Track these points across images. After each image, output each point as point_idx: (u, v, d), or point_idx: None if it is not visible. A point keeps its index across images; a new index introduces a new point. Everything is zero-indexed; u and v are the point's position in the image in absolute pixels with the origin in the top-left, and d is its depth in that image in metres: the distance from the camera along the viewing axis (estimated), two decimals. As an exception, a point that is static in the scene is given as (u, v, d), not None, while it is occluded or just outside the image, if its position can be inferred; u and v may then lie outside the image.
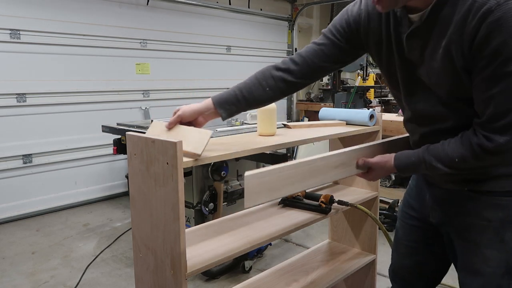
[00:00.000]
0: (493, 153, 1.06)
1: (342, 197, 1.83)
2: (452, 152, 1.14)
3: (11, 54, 3.81)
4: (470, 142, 1.10)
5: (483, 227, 1.20)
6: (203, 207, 2.82)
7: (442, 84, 1.13)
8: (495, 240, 1.19)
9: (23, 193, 4.00)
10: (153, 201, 1.25)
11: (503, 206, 1.17)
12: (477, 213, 1.21)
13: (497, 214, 1.18)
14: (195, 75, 5.35)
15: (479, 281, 1.24)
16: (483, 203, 1.20)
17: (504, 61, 0.97)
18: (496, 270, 1.20)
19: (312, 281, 1.81)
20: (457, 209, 1.27)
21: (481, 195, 1.20)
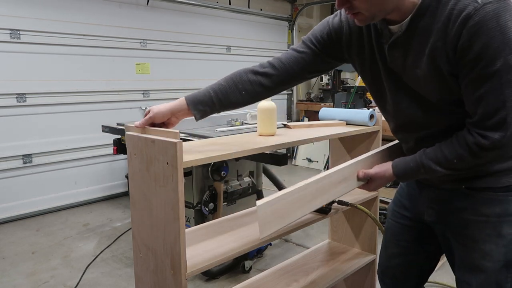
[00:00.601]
0: (489, 150, 1.09)
1: (342, 197, 1.83)
2: (450, 153, 1.16)
3: (11, 54, 3.81)
4: (466, 142, 1.12)
5: (481, 223, 1.23)
6: (203, 207, 2.82)
7: (429, 90, 1.16)
8: (493, 235, 1.21)
9: (23, 193, 4.00)
10: (153, 201, 1.25)
11: (500, 201, 1.20)
12: (475, 209, 1.24)
13: (494, 209, 1.20)
14: (195, 75, 5.35)
15: (478, 277, 1.26)
16: (480, 200, 1.23)
17: (487, 63, 1.01)
18: (495, 264, 1.22)
19: (312, 281, 1.81)
20: (454, 207, 1.29)
21: (477, 192, 1.23)
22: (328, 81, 6.60)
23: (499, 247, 1.21)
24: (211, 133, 2.82)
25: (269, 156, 2.23)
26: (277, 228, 1.18)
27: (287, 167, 5.49)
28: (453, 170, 1.19)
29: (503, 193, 1.20)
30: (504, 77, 1.01)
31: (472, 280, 1.28)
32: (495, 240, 1.22)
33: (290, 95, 6.96)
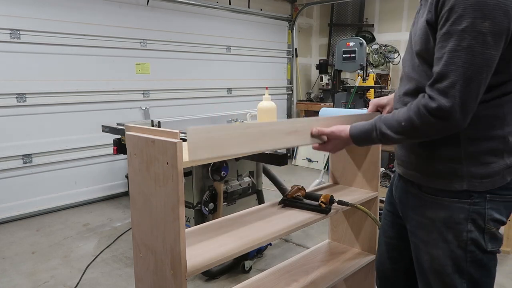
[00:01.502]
0: (435, 115, 1.06)
1: (342, 197, 1.83)
2: (401, 116, 1.14)
3: (11, 54, 3.81)
4: (417, 104, 1.10)
5: (428, 226, 1.23)
6: (203, 207, 2.82)
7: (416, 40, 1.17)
8: (439, 240, 1.21)
9: (23, 193, 4.00)
10: (153, 201, 1.25)
11: (445, 206, 1.18)
12: (422, 212, 1.24)
13: (439, 214, 1.20)
14: (195, 75, 5.35)
15: (429, 280, 1.26)
16: (427, 202, 1.23)
17: (455, 20, 1.01)
18: (445, 269, 1.21)
19: (312, 281, 1.81)
20: (410, 206, 1.31)
21: (425, 195, 1.23)
22: (328, 81, 6.60)
23: (446, 252, 1.20)
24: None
25: (269, 156, 2.23)
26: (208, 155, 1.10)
27: (287, 167, 5.50)
28: (403, 136, 1.15)
29: (449, 199, 1.17)
30: (466, 40, 1.00)
31: (425, 284, 1.29)
32: (442, 245, 1.20)
33: (290, 95, 6.96)
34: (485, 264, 1.21)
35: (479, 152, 1.14)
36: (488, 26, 0.98)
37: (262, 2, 6.20)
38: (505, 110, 1.12)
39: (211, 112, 4.03)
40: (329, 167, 2.21)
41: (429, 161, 1.20)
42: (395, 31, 6.30)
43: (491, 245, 1.19)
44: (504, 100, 1.12)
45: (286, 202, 1.80)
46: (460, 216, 1.16)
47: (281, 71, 6.78)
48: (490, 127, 1.13)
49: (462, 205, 1.16)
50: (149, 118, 4.60)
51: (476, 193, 1.15)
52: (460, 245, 1.18)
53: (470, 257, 1.18)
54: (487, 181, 1.14)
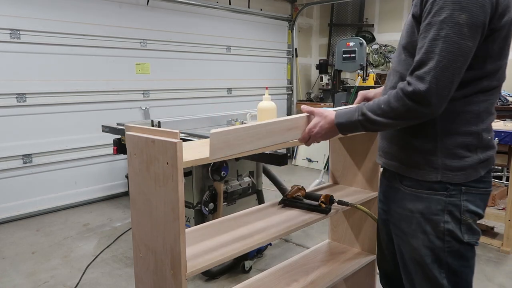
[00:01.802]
0: (411, 98, 1.11)
1: (342, 197, 1.83)
2: (381, 100, 1.20)
3: (11, 54, 3.81)
4: (396, 89, 1.16)
5: (408, 218, 1.29)
6: (203, 207, 2.82)
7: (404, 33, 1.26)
8: (418, 231, 1.27)
9: (23, 193, 4.00)
10: (153, 201, 1.25)
11: (423, 198, 1.25)
12: (403, 204, 1.30)
13: (417, 206, 1.26)
14: (195, 75, 5.35)
15: (410, 270, 1.32)
16: (406, 195, 1.29)
17: (435, 11, 1.08)
18: (425, 259, 1.26)
19: (312, 281, 1.81)
20: (392, 199, 1.37)
21: (406, 188, 1.29)
22: (328, 81, 6.60)
23: (425, 242, 1.26)
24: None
25: (269, 156, 2.23)
26: (225, 154, 1.20)
27: (287, 167, 5.50)
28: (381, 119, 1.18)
29: (427, 191, 1.24)
30: (444, 30, 1.06)
31: (407, 273, 1.34)
32: (421, 236, 1.26)
33: (290, 95, 6.96)
34: (462, 255, 1.25)
35: (454, 146, 1.20)
36: (465, 18, 1.05)
37: (262, 2, 6.20)
38: (481, 108, 1.19)
39: (211, 112, 4.02)
40: (329, 167, 2.21)
41: (408, 152, 1.27)
42: (395, 31, 6.30)
43: (467, 236, 1.23)
44: (481, 98, 1.18)
45: (286, 202, 1.80)
46: (437, 208, 1.22)
47: (281, 71, 6.78)
48: (466, 123, 1.19)
49: (439, 197, 1.22)
50: (149, 118, 4.60)
51: (452, 186, 1.21)
52: (438, 236, 1.23)
53: (447, 247, 1.24)
54: (460, 173, 1.20)
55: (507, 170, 4.05)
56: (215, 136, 1.15)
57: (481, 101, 1.18)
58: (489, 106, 1.21)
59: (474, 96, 1.18)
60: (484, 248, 3.20)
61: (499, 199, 3.34)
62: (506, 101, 4.67)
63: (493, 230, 3.44)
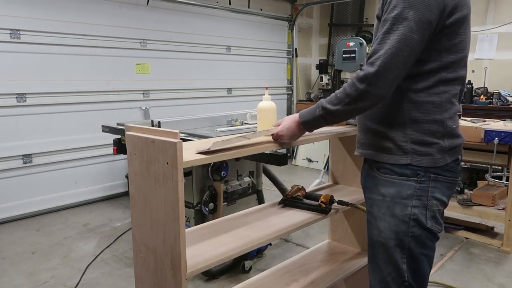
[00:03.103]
0: (361, 81, 1.24)
1: (342, 197, 1.83)
2: (338, 91, 1.33)
3: (11, 54, 3.81)
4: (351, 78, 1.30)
5: (379, 201, 1.39)
6: (203, 207, 2.82)
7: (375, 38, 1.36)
8: (387, 214, 1.36)
9: (23, 193, 4.00)
10: (153, 201, 1.25)
11: (395, 184, 1.35)
12: (376, 189, 1.40)
13: (389, 190, 1.36)
14: (195, 75, 5.35)
15: (377, 253, 1.40)
16: (381, 181, 1.38)
17: (389, 9, 1.25)
18: (388, 242, 1.36)
19: (312, 281, 1.81)
20: (368, 188, 1.46)
21: (380, 174, 1.38)
22: (328, 81, 6.60)
23: (391, 226, 1.35)
24: (211, 133, 2.82)
25: (269, 156, 2.23)
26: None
27: (287, 167, 5.49)
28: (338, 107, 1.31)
29: (399, 176, 1.34)
30: (395, 25, 1.22)
31: (373, 256, 1.43)
32: (388, 219, 1.36)
33: (290, 95, 6.96)
34: (423, 242, 1.35)
35: (421, 133, 1.31)
36: (412, 15, 1.20)
37: (262, 2, 6.20)
38: (442, 99, 1.31)
39: (211, 112, 4.02)
40: (329, 167, 2.21)
41: (381, 140, 1.38)
42: (395, 31, 6.29)
43: (431, 223, 1.34)
44: (441, 89, 1.31)
45: (286, 202, 1.80)
46: (407, 192, 1.33)
47: (281, 71, 6.78)
48: (430, 112, 1.31)
49: (410, 183, 1.32)
50: (149, 118, 4.60)
51: (421, 171, 1.31)
52: (404, 220, 1.33)
53: (411, 232, 1.33)
54: (428, 158, 1.31)
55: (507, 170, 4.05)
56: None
57: (442, 92, 1.31)
58: (450, 97, 1.33)
59: (436, 88, 1.30)
60: (484, 248, 3.20)
61: (499, 199, 3.34)
62: (506, 101, 4.67)
63: (493, 230, 3.44)
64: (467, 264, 2.93)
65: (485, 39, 5.30)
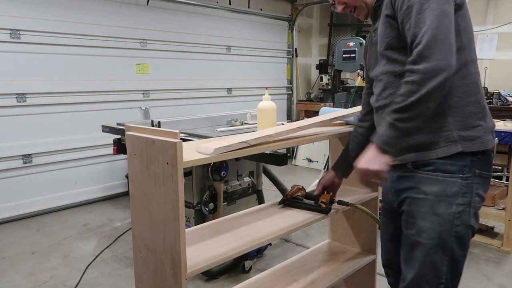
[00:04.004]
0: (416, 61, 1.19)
1: (342, 197, 1.83)
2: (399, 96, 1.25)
3: (11, 54, 3.81)
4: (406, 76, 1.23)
5: (420, 200, 1.33)
6: (203, 207, 2.82)
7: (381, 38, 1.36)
8: (429, 213, 1.31)
9: (23, 193, 4.00)
10: (153, 201, 1.25)
11: (439, 181, 1.30)
12: (417, 189, 1.34)
13: (432, 188, 1.30)
14: (195, 75, 5.35)
15: (415, 254, 1.34)
16: (422, 179, 1.33)
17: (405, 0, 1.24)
18: (429, 242, 1.30)
19: (312, 281, 1.81)
20: (403, 188, 1.40)
21: (421, 173, 1.33)
22: (328, 81, 6.60)
23: (434, 225, 1.30)
24: (211, 133, 2.82)
25: (269, 156, 2.23)
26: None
27: (287, 167, 5.49)
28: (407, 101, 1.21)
29: (443, 174, 1.29)
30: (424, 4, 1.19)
31: (410, 257, 1.36)
32: (431, 218, 1.30)
33: (290, 95, 6.96)
34: (464, 242, 1.32)
35: (464, 117, 1.28)
36: None
37: (262, 2, 6.20)
38: (472, 80, 1.31)
39: (211, 112, 4.02)
40: (329, 167, 2.21)
41: (424, 137, 1.31)
42: (395, 31, 6.29)
43: (473, 221, 1.31)
44: (469, 71, 1.30)
45: (286, 202, 1.80)
46: (453, 190, 1.28)
47: (281, 71, 6.78)
48: (465, 95, 1.29)
49: (456, 180, 1.28)
50: (149, 118, 4.60)
51: (466, 168, 1.28)
52: (448, 218, 1.29)
53: (455, 231, 1.29)
54: (478, 141, 1.28)
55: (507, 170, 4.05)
56: None
57: (470, 73, 1.30)
58: (477, 78, 1.33)
59: (464, 69, 1.28)
60: (484, 248, 3.20)
61: (499, 199, 3.34)
62: (506, 101, 4.67)
63: (493, 230, 3.44)
64: (467, 264, 2.91)
65: (485, 39, 5.30)
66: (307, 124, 1.66)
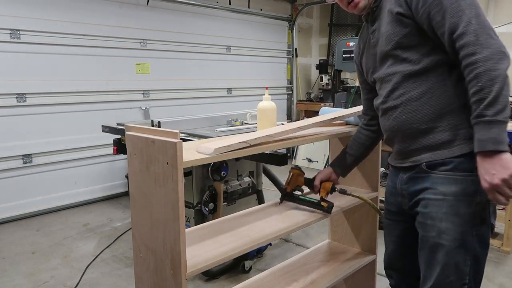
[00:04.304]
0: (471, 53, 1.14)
1: (342, 197, 1.83)
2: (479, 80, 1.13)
3: (11, 54, 3.81)
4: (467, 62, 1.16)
5: (439, 201, 1.28)
6: (203, 207, 2.82)
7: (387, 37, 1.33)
8: (450, 214, 1.26)
9: (23, 193, 4.00)
10: (153, 201, 1.25)
11: (458, 180, 1.25)
12: (434, 189, 1.30)
13: (451, 188, 1.26)
14: (195, 75, 5.35)
15: (437, 256, 1.29)
16: (438, 180, 1.28)
17: None
18: (451, 243, 1.26)
19: (312, 281, 1.81)
20: (418, 190, 1.35)
21: (437, 173, 1.29)
22: (328, 81, 6.60)
23: (455, 226, 1.26)
24: (211, 133, 2.82)
25: (269, 156, 2.23)
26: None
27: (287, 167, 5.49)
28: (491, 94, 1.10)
29: (461, 172, 1.25)
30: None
31: (431, 260, 1.31)
32: (452, 219, 1.26)
33: (290, 95, 6.96)
34: (485, 240, 1.29)
35: None
36: None
37: (262, 2, 6.20)
38: None
39: (211, 112, 4.02)
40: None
41: (439, 136, 1.27)
42: (395, 31, 6.29)
43: (492, 218, 1.29)
44: None
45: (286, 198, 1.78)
46: (472, 189, 1.23)
47: (281, 71, 6.78)
48: None
49: (474, 178, 1.19)
50: (149, 118, 4.60)
51: None
52: (469, 218, 1.25)
53: (476, 230, 1.26)
54: None
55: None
56: None
57: None
58: None
59: None
60: (484, 248, 3.20)
61: (499, 199, 3.33)
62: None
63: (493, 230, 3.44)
64: (467, 264, 2.92)
65: (485, 39, 5.29)
66: (307, 124, 1.66)
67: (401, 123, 1.34)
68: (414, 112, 1.30)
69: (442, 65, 1.27)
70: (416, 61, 1.28)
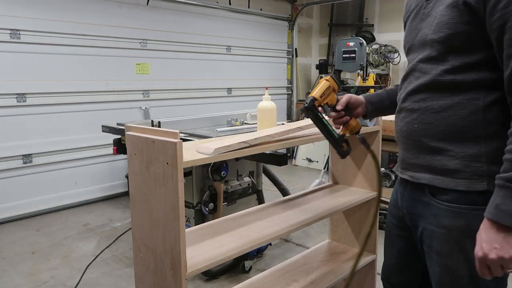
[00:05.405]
0: None
1: (342, 197, 1.83)
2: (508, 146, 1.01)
3: (11, 54, 3.81)
4: None
5: (443, 236, 1.16)
6: (203, 207, 2.82)
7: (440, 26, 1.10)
8: (455, 250, 1.15)
9: (23, 193, 4.00)
10: (153, 201, 1.25)
11: (462, 214, 1.12)
12: (436, 221, 1.17)
13: (456, 223, 1.13)
14: (195, 75, 5.35)
15: None
16: (442, 211, 1.16)
17: None
18: (459, 280, 1.16)
19: (312, 281, 1.81)
20: (420, 216, 1.24)
21: (439, 202, 1.16)
22: (328, 81, 6.59)
23: (461, 262, 1.14)
24: (211, 133, 2.82)
25: (269, 156, 2.23)
26: None
27: (287, 167, 5.49)
28: None
29: (467, 206, 1.11)
30: None
31: None
32: (458, 256, 1.15)
33: (290, 95, 6.96)
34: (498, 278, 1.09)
35: (499, 149, 1.04)
36: None
37: (262, 2, 6.20)
38: None
39: (211, 112, 4.02)
40: (329, 167, 2.21)
41: (444, 160, 1.13)
42: (395, 31, 6.29)
43: None
44: None
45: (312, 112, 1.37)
46: (478, 224, 1.05)
47: (281, 71, 6.78)
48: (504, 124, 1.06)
49: (480, 212, 1.04)
50: (149, 118, 4.60)
51: None
52: None
53: None
54: None
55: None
56: None
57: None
58: None
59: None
60: (484, 248, 3.19)
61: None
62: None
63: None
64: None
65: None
66: (307, 124, 1.66)
67: (411, 132, 1.20)
68: (429, 125, 1.14)
69: (482, 85, 1.07)
70: (457, 69, 1.09)
